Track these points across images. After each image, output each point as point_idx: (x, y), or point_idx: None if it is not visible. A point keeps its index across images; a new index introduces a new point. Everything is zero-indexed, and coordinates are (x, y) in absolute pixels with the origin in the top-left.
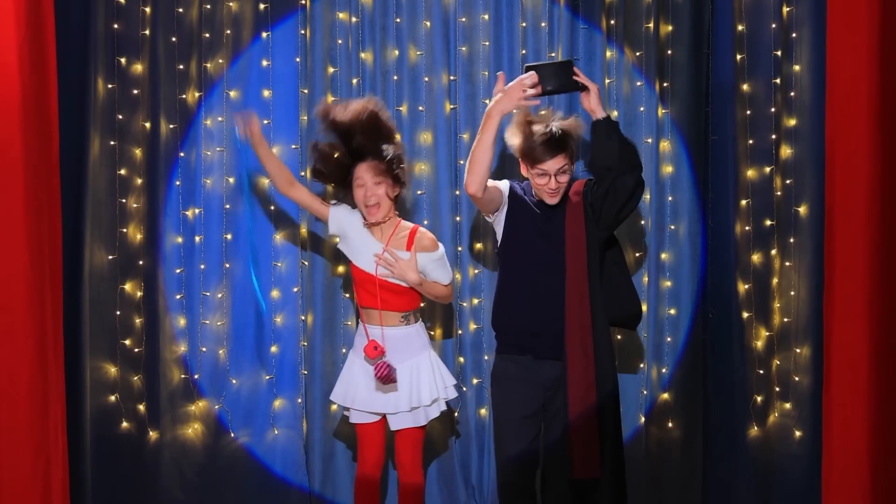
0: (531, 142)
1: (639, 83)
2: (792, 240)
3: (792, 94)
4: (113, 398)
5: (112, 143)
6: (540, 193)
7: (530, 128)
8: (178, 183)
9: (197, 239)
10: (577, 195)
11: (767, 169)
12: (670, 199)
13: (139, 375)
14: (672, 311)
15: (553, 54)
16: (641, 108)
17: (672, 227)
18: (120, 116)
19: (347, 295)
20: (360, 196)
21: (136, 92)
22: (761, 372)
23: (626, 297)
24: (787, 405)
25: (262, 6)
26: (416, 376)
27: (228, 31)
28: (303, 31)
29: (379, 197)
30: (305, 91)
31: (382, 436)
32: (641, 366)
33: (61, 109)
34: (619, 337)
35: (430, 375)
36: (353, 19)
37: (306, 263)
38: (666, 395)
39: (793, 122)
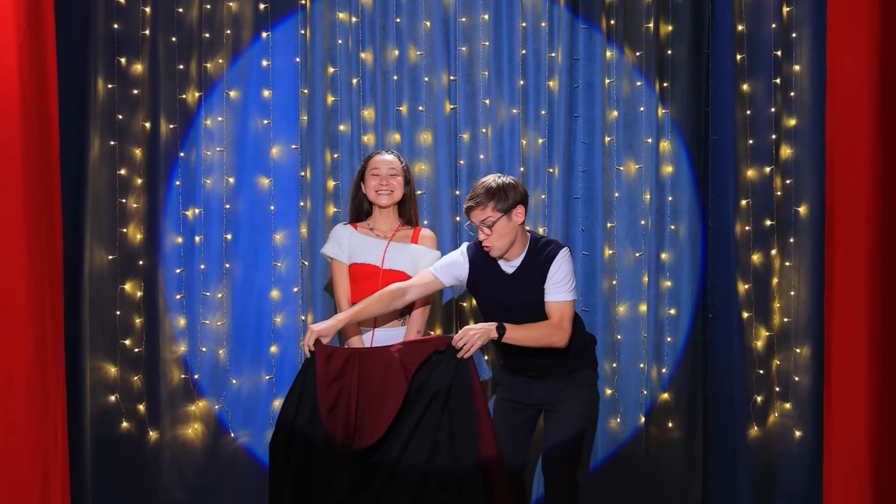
0: None
1: (639, 83)
2: (792, 240)
3: (792, 94)
4: (113, 398)
5: (112, 143)
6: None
7: None
8: (178, 183)
9: (197, 239)
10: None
11: (767, 169)
12: (670, 199)
13: (139, 375)
14: (672, 311)
15: (553, 54)
16: (641, 108)
17: (672, 227)
18: (120, 116)
19: None
20: (373, 184)
21: (136, 92)
22: (761, 372)
23: None
24: (787, 405)
25: (262, 6)
26: None
27: (228, 31)
28: (303, 31)
29: (392, 186)
30: (305, 91)
31: None
32: (641, 366)
33: (61, 109)
34: (618, 337)
35: None
36: (353, 19)
37: (306, 263)
38: (666, 395)
39: (793, 122)
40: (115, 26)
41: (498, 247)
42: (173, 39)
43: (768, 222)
